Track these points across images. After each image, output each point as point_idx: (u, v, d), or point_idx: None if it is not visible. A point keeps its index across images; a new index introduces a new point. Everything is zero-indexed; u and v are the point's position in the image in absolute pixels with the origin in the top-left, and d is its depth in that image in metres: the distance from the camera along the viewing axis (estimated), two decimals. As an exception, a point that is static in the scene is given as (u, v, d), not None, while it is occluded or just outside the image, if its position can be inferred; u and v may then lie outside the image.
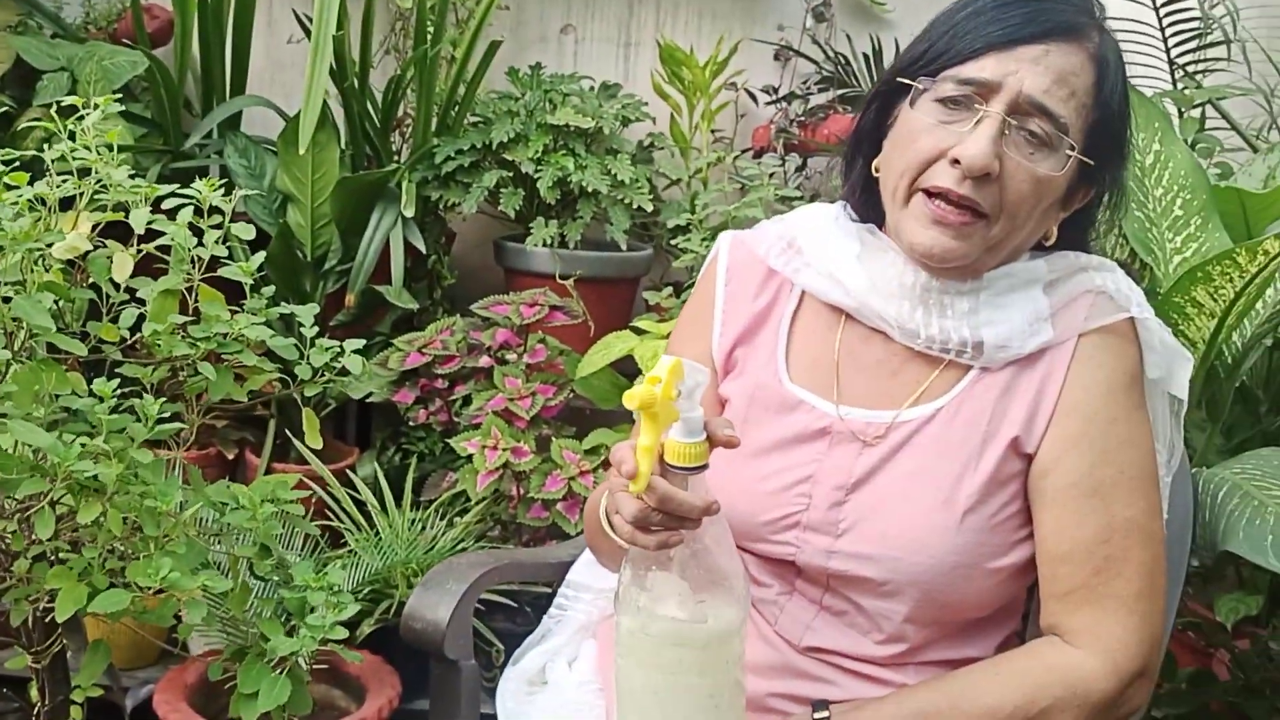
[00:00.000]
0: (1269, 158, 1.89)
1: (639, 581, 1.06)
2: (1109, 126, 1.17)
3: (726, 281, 1.35)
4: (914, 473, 1.20)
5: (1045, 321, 1.20)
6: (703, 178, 2.68)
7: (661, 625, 1.04)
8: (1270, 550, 1.32)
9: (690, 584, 1.05)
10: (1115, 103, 1.17)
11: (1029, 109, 1.12)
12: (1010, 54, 1.13)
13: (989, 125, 1.12)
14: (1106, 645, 1.15)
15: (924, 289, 1.21)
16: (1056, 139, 1.13)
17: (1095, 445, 1.18)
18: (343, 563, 2.05)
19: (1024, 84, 1.12)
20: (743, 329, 1.32)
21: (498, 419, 2.20)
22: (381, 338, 2.52)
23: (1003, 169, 1.13)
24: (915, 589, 1.18)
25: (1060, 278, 1.23)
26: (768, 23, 2.91)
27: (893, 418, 1.23)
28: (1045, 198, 1.16)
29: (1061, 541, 1.17)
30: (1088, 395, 1.19)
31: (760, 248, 1.34)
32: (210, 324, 1.35)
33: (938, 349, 1.21)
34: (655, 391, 0.99)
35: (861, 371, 1.26)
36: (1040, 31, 1.13)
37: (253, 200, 2.42)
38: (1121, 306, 1.21)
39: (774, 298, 1.33)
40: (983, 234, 1.15)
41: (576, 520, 2.14)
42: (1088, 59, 1.15)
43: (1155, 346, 1.22)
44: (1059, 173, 1.14)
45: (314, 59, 2.23)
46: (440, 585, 1.39)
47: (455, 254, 2.79)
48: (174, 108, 2.51)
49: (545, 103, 2.61)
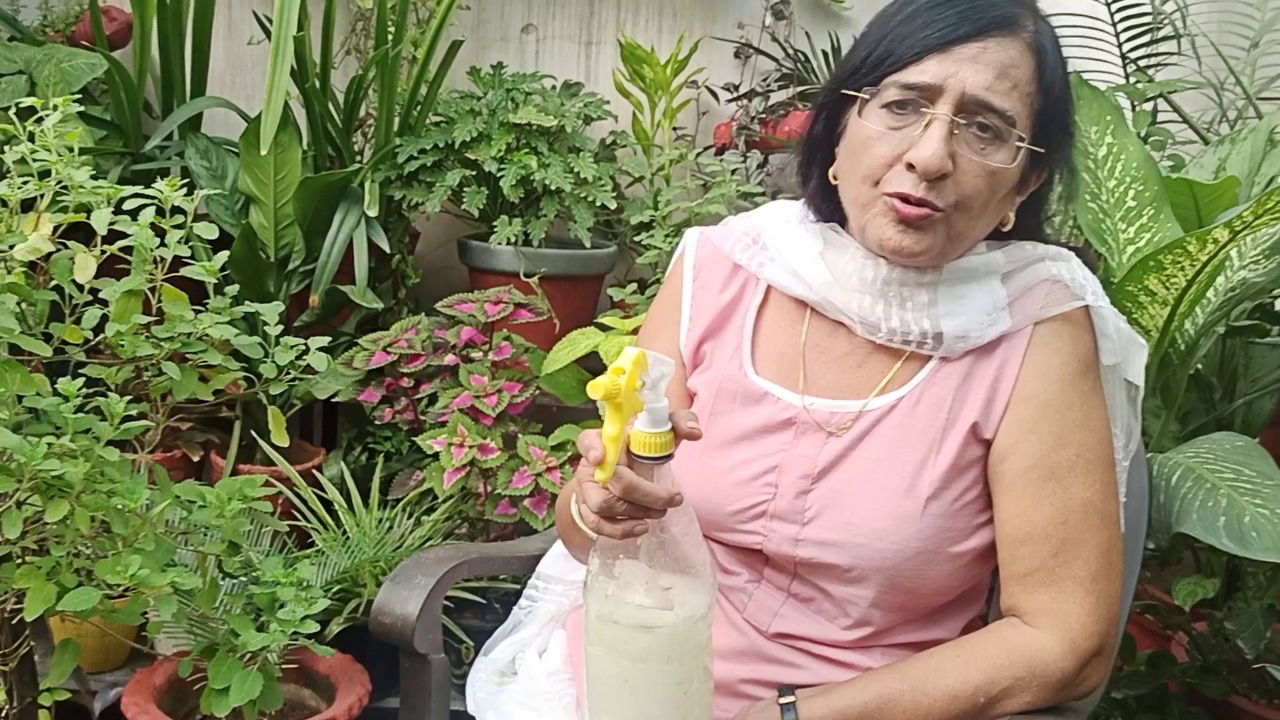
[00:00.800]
0: (1219, 150, 1.92)
1: (607, 570, 1.07)
2: (1054, 111, 1.20)
3: (694, 277, 1.37)
4: (877, 461, 1.23)
5: (1003, 311, 1.22)
6: (665, 175, 2.69)
7: (629, 612, 1.06)
8: (1222, 531, 1.35)
9: (657, 571, 1.07)
10: (1057, 87, 1.19)
11: (974, 107, 1.14)
12: (949, 54, 1.14)
13: (938, 127, 1.14)
14: (1065, 625, 1.17)
15: (884, 282, 1.23)
16: (1005, 131, 1.15)
17: (1052, 429, 1.20)
18: (310, 562, 2.04)
19: (966, 83, 1.14)
20: (710, 323, 1.35)
21: (464, 416, 2.20)
22: (346, 337, 2.52)
23: (956, 166, 1.14)
24: (880, 575, 1.20)
25: (1017, 268, 1.25)
26: (728, 21, 2.93)
27: (858, 408, 1.25)
28: (1000, 188, 1.18)
29: (1020, 524, 1.20)
30: (1044, 381, 1.21)
31: (726, 243, 1.36)
32: (174, 324, 1.35)
33: (899, 341, 1.24)
34: (619, 382, 1.00)
35: (827, 364, 1.29)
36: (975, 29, 1.15)
37: (215, 201, 2.42)
38: (1076, 295, 1.23)
39: (740, 292, 1.35)
40: (944, 227, 1.17)
41: (544, 516, 2.15)
42: (1025, 48, 1.17)
43: (1110, 334, 1.25)
44: (1011, 164, 1.17)
45: (275, 60, 2.23)
46: (409, 580, 1.40)
47: (419, 253, 2.79)
48: (134, 110, 2.49)
49: (507, 102, 2.61)
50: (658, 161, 2.70)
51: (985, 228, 1.22)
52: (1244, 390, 2.04)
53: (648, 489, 1.03)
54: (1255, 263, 1.74)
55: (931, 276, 1.22)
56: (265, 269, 2.44)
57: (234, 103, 2.64)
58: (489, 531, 2.27)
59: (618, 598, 1.06)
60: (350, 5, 2.74)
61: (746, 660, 1.27)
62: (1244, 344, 2.06)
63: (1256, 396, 2.02)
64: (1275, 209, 1.44)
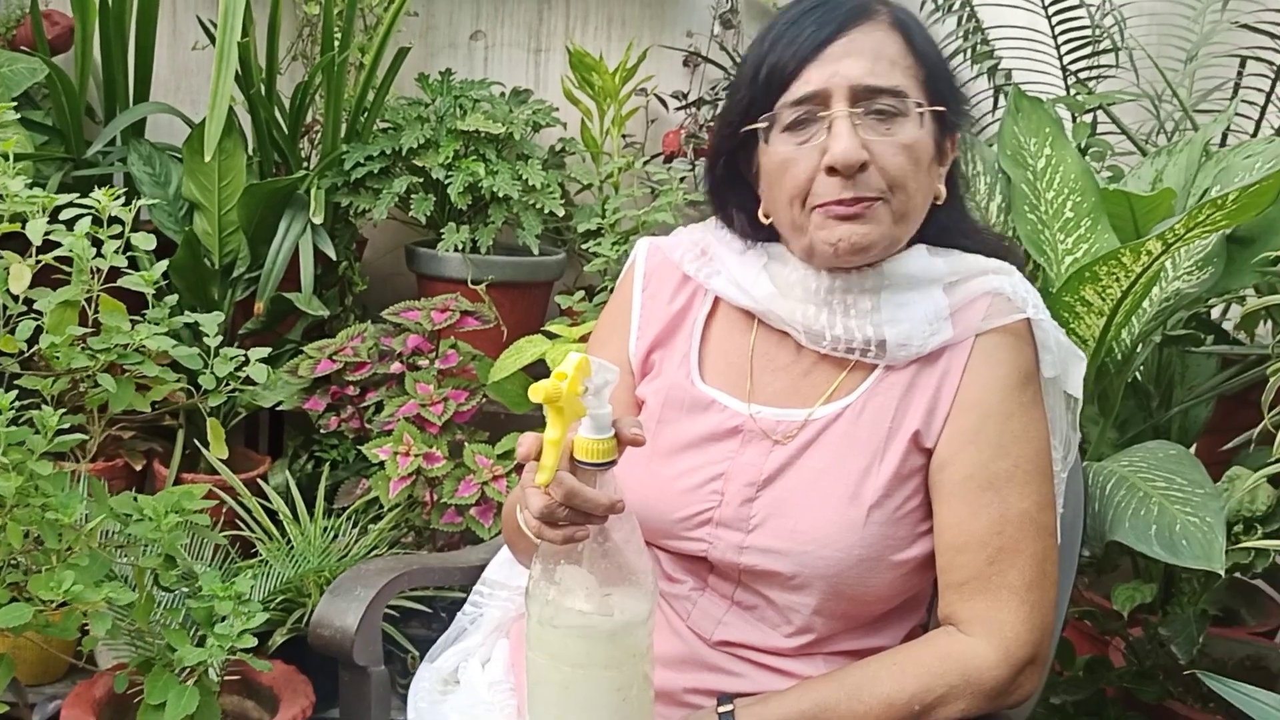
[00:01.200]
0: (1156, 161, 1.94)
1: (548, 575, 1.07)
2: (939, 73, 1.23)
3: (644, 286, 1.39)
4: (822, 469, 1.24)
5: (945, 320, 1.24)
6: (614, 182, 2.69)
7: (569, 618, 1.06)
8: (1154, 539, 1.37)
9: (598, 578, 1.07)
10: (933, 51, 1.24)
11: (864, 94, 1.18)
12: (821, 59, 1.18)
13: (841, 123, 1.17)
14: (999, 633, 1.19)
15: (828, 291, 1.25)
16: (902, 105, 1.19)
17: (991, 440, 1.22)
18: (254, 572, 2.03)
19: (849, 77, 1.17)
20: (659, 332, 1.36)
21: (410, 425, 2.20)
22: (292, 345, 2.51)
23: (872, 153, 1.17)
24: (823, 582, 1.21)
25: (960, 279, 1.26)
26: (676, 29, 2.94)
27: (804, 416, 1.26)
28: (922, 158, 1.21)
29: (958, 533, 1.21)
30: (984, 392, 1.23)
31: (676, 253, 1.38)
32: (110, 335, 1.34)
33: (843, 349, 1.25)
34: (561, 386, 1.01)
35: (774, 372, 1.30)
36: (835, 29, 1.19)
37: (158, 208, 2.40)
38: (1018, 308, 1.25)
39: (689, 301, 1.36)
40: (886, 211, 1.19)
41: (490, 525, 2.15)
42: (889, 28, 1.21)
43: (1050, 346, 1.27)
44: (920, 132, 1.20)
45: (219, 65, 2.22)
46: (348, 592, 1.39)
47: (366, 260, 2.78)
48: (75, 115, 2.47)
49: (455, 109, 2.61)
50: (606, 169, 2.70)
51: (923, 202, 1.24)
52: (1181, 398, 2.08)
53: (588, 495, 1.03)
54: (1189, 273, 1.76)
55: (874, 281, 1.24)
56: (209, 276, 2.42)
57: (178, 108, 2.62)
58: (435, 540, 2.26)
59: (558, 603, 1.07)
60: (297, 11, 2.72)
61: (688, 668, 1.27)
62: (1180, 353, 2.09)
63: (1193, 404, 2.06)
64: (1206, 222, 1.47)
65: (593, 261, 2.45)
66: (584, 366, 1.02)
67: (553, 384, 1.01)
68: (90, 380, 1.37)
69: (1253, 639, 2.13)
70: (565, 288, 2.64)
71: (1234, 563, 1.64)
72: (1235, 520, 1.66)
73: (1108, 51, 2.56)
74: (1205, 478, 1.48)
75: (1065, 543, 1.35)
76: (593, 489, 1.04)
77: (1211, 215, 1.45)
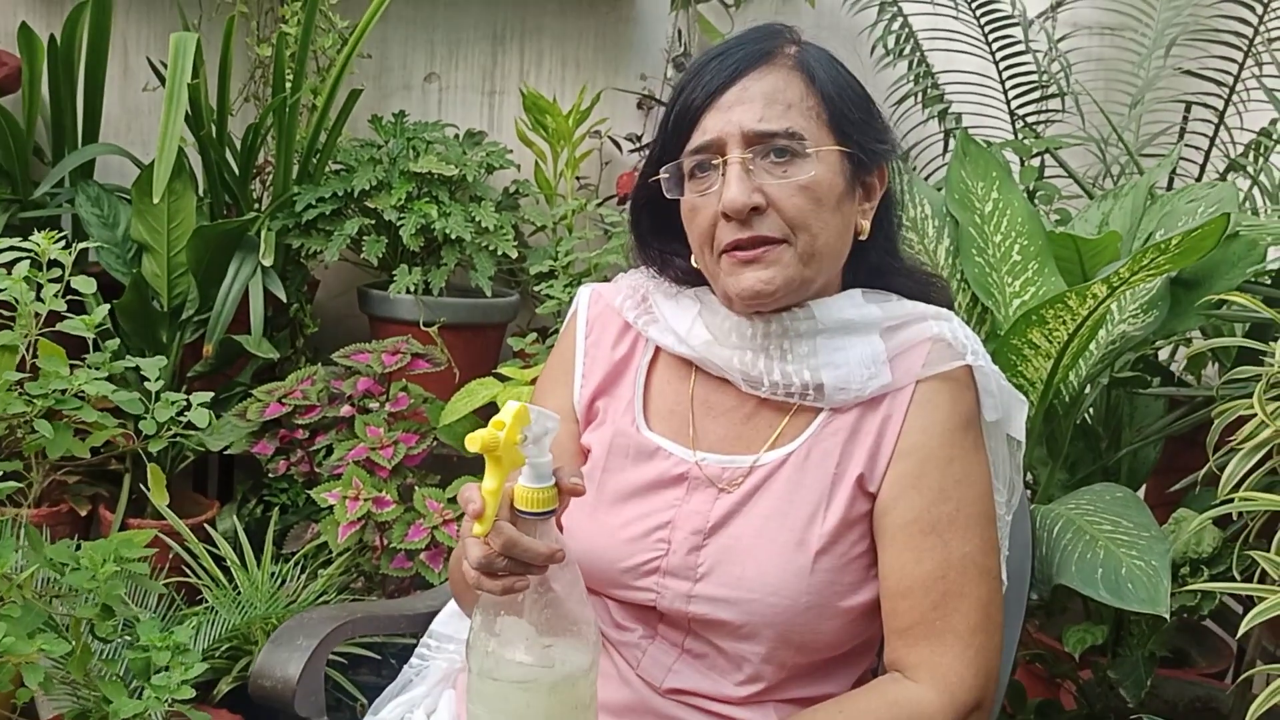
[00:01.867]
0: (1103, 204, 1.97)
1: (488, 627, 1.06)
2: (847, 109, 1.23)
3: (587, 334, 1.39)
4: (769, 516, 1.23)
5: (883, 365, 1.24)
6: (568, 224, 2.69)
7: (508, 670, 1.04)
8: (1100, 583, 1.37)
9: (538, 629, 1.05)
10: (840, 89, 1.24)
11: (757, 138, 1.19)
12: (717, 107, 1.21)
13: (733, 169, 1.19)
14: (944, 679, 1.18)
15: (764, 337, 1.25)
16: (799, 146, 1.19)
17: (933, 484, 1.22)
18: (199, 620, 2.00)
19: (741, 123, 1.19)
20: (602, 379, 1.36)
21: (359, 469, 2.17)
22: (242, 388, 2.48)
23: (770, 196, 1.19)
24: (771, 630, 1.20)
25: (899, 325, 1.27)
26: (630, 72, 2.95)
27: (750, 463, 1.26)
28: (824, 199, 1.21)
29: (902, 578, 1.21)
30: (925, 436, 1.23)
31: (617, 299, 1.38)
32: (48, 380, 1.32)
33: (782, 394, 1.25)
34: (498, 435, 1.00)
35: (716, 418, 1.30)
36: (730, 76, 1.21)
37: (106, 250, 2.37)
38: (959, 353, 1.25)
39: (631, 348, 1.36)
40: (790, 254, 1.20)
41: (440, 570, 2.13)
42: (788, 71, 1.22)
43: (992, 390, 1.27)
44: (822, 171, 1.20)
45: (169, 106, 2.21)
46: (290, 642, 1.37)
47: (318, 302, 2.76)
48: (22, 156, 2.44)
49: (409, 150, 2.61)
50: (560, 211, 2.70)
51: (834, 240, 1.24)
52: (1129, 439, 2.09)
53: (527, 545, 1.02)
54: (1135, 316, 1.78)
55: (807, 325, 1.25)
56: (158, 319, 2.40)
57: (128, 149, 2.60)
58: (385, 585, 2.23)
59: (498, 655, 1.05)
60: (249, 52, 2.71)
61: (638, 716, 1.25)
62: (1128, 394, 2.11)
63: (1141, 445, 2.07)
64: (1151, 265, 1.48)
65: (546, 303, 2.45)
66: (522, 415, 1.01)
67: (489, 433, 1.00)
68: (28, 426, 1.35)
69: (1203, 680, 2.14)
70: (518, 329, 2.63)
71: (1181, 605, 1.65)
72: (1182, 563, 1.67)
73: (1054, 96, 2.60)
74: (1151, 521, 1.48)
75: (1013, 586, 1.35)
76: (532, 539, 1.03)
77: (1156, 259, 1.47)
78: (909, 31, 2.66)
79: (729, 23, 2.93)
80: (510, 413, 1.01)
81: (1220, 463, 1.51)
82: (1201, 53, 2.59)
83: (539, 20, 2.94)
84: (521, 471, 1.03)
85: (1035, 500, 1.84)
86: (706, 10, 2.91)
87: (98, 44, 2.45)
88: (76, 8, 2.43)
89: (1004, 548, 1.30)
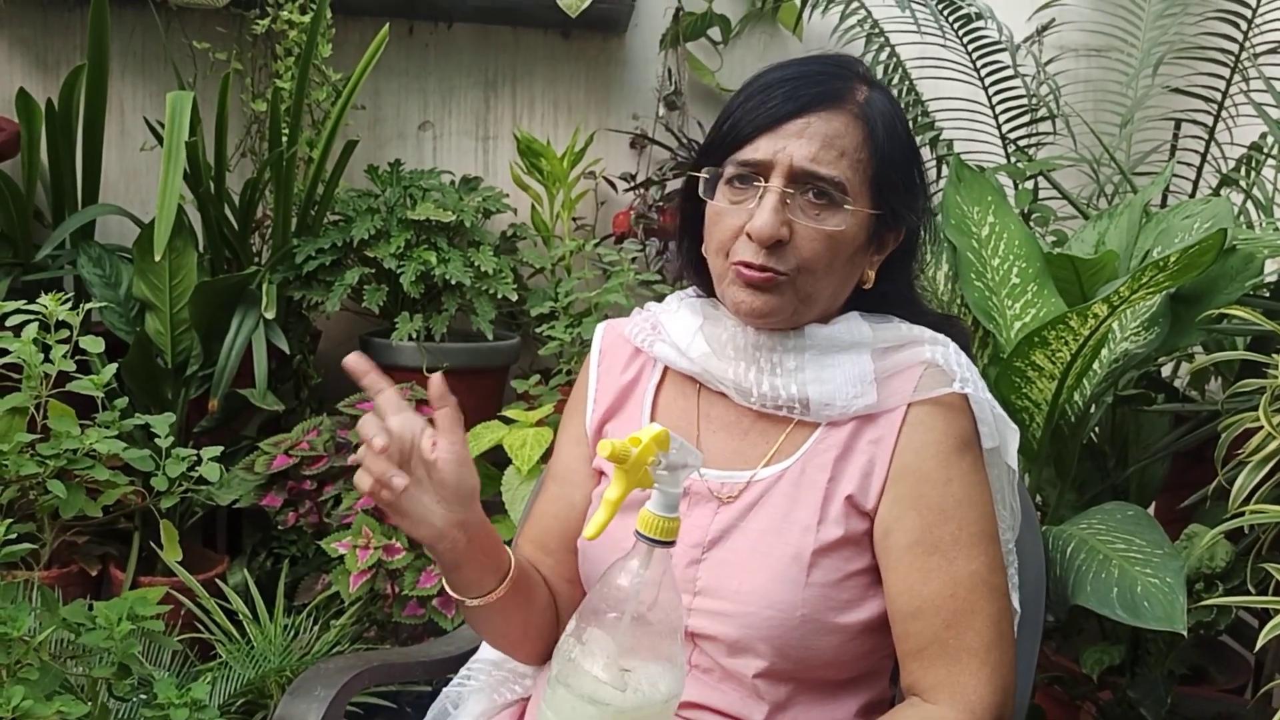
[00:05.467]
0: (1098, 224, 1.98)
1: (579, 633, 1.07)
2: (892, 171, 1.26)
3: (599, 363, 1.44)
4: (765, 530, 1.24)
5: (870, 385, 1.26)
6: (566, 265, 2.71)
7: (582, 681, 1.04)
8: (1116, 602, 1.37)
9: (621, 648, 1.05)
10: (894, 148, 1.26)
11: (803, 177, 1.22)
12: (777, 132, 1.23)
13: (770, 198, 1.21)
14: (964, 697, 1.18)
15: (755, 348, 1.28)
16: (838, 197, 1.22)
17: (932, 505, 1.22)
18: (213, 675, 2.00)
19: (793, 156, 1.21)
20: (611, 403, 1.40)
21: (368, 517, 2.18)
22: (248, 441, 2.49)
23: (794, 233, 1.22)
24: (767, 644, 1.21)
25: (892, 347, 1.29)
26: (622, 112, 2.98)
27: (748, 477, 1.28)
28: (842, 250, 1.24)
29: (910, 599, 1.21)
30: (918, 458, 1.24)
31: (628, 328, 1.43)
32: (60, 440, 1.32)
33: (770, 406, 1.28)
34: (630, 450, 1.03)
35: (717, 433, 1.33)
36: (799, 106, 1.23)
37: (109, 309, 2.38)
38: (951, 380, 1.26)
39: (639, 372, 1.40)
40: (791, 290, 1.24)
41: (453, 615, 2.12)
42: (852, 119, 1.24)
43: (988, 418, 1.28)
44: (850, 224, 1.23)
45: (167, 165, 2.22)
46: (308, 692, 1.36)
47: (321, 352, 2.77)
48: (23, 220, 2.46)
49: (406, 198, 2.62)
50: (558, 252, 2.71)
51: (836, 287, 1.27)
52: (1136, 457, 2.09)
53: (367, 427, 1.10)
54: (1136, 334, 1.79)
55: (796, 341, 1.27)
56: (162, 376, 2.40)
57: (127, 209, 2.61)
58: (399, 633, 2.23)
59: (577, 663, 1.05)
60: (244, 109, 2.73)
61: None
62: (1133, 412, 2.11)
63: (1149, 462, 2.07)
64: (1150, 283, 1.50)
65: (548, 345, 2.46)
66: (661, 439, 1.05)
67: (624, 444, 1.04)
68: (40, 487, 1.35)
69: (1223, 696, 2.13)
70: (521, 372, 2.64)
71: (1197, 621, 1.65)
72: (1196, 578, 1.67)
73: (1045, 119, 2.61)
74: (1164, 537, 1.49)
75: (1029, 608, 1.35)
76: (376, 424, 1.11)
77: (1155, 276, 1.48)
78: (896, 61, 2.68)
79: (718, 60, 2.96)
80: (649, 432, 1.05)
81: (1229, 476, 1.52)
82: (1189, 70, 2.61)
83: (530, 65, 2.97)
84: (651, 496, 1.06)
85: (1045, 521, 1.84)
86: (695, 49, 2.94)
87: (95, 106, 2.46)
88: (73, 71, 2.45)
89: (1012, 574, 1.30)
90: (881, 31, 2.67)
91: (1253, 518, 1.41)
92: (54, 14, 2.80)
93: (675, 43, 2.89)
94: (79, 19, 2.79)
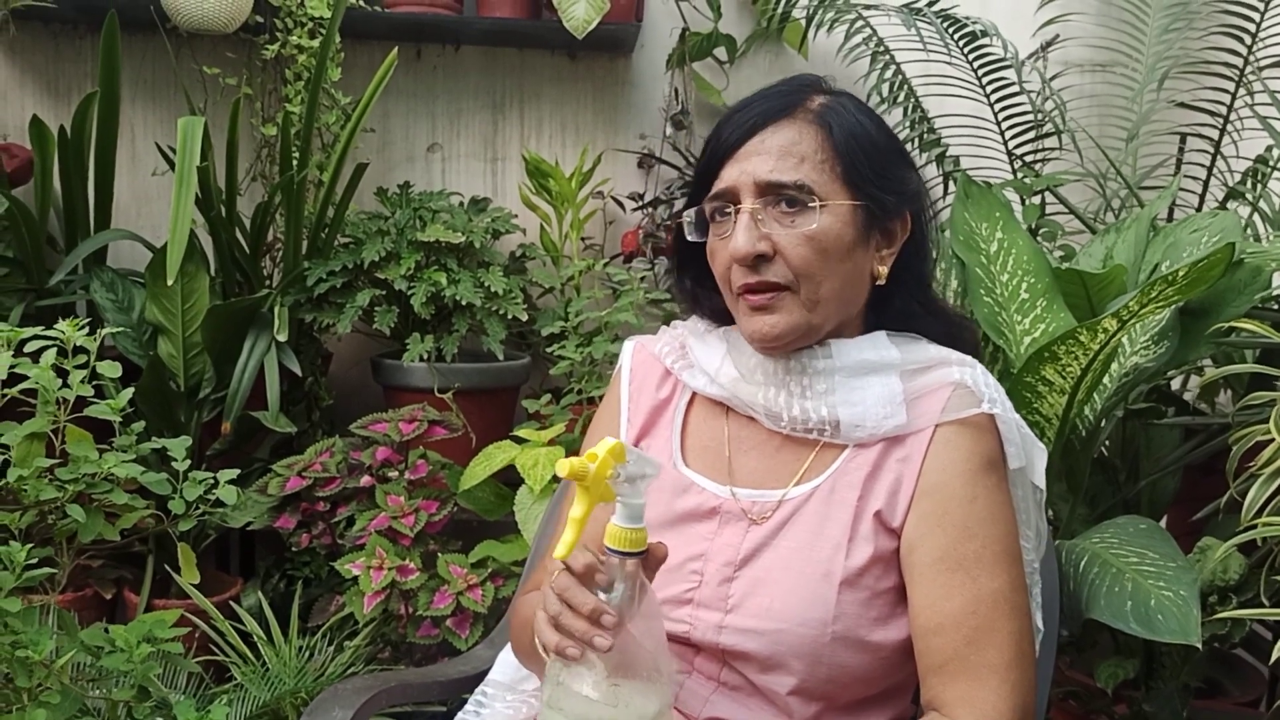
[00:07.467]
0: (1106, 239, 1.98)
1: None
2: (862, 164, 1.27)
3: (630, 381, 1.46)
4: (796, 549, 1.25)
5: (899, 405, 1.27)
6: (575, 284, 2.72)
7: (574, 703, 1.05)
8: (1130, 615, 1.37)
9: (608, 667, 1.06)
10: (860, 142, 1.28)
11: (768, 189, 1.25)
12: (736, 158, 1.28)
13: (743, 218, 1.25)
14: (984, 713, 1.18)
15: (785, 372, 1.30)
16: (807, 199, 1.24)
17: (956, 522, 1.23)
18: (229, 698, 2.00)
19: (754, 174, 1.25)
20: (644, 421, 1.42)
21: (382, 538, 2.18)
22: (261, 463, 2.49)
23: (777, 244, 1.24)
24: (799, 661, 1.21)
25: (921, 368, 1.29)
26: (629, 132, 3.00)
27: (779, 497, 1.29)
28: (830, 249, 1.25)
29: (932, 614, 1.21)
30: (944, 476, 1.24)
31: (658, 347, 1.45)
32: (78, 465, 1.33)
33: (800, 429, 1.29)
34: (588, 466, 1.04)
35: (747, 453, 1.34)
36: (749, 129, 1.27)
37: (121, 335, 2.39)
38: (979, 401, 1.27)
39: (671, 392, 1.43)
40: (793, 300, 1.26)
41: (467, 635, 2.13)
42: (806, 125, 1.27)
43: (1014, 439, 1.29)
44: (829, 223, 1.25)
45: (179, 191, 2.23)
46: (325, 713, 1.37)
47: (333, 374, 2.78)
48: (36, 246, 2.47)
49: (415, 220, 2.64)
50: (567, 272, 2.72)
51: (841, 286, 1.28)
52: (1148, 470, 2.09)
53: (576, 593, 1.06)
54: (1146, 348, 1.79)
55: (825, 364, 1.28)
56: (175, 399, 2.41)
57: (139, 234, 2.63)
58: (413, 654, 2.23)
59: (566, 686, 1.06)
60: (254, 133, 2.75)
61: (677, 748, 1.26)
62: (1144, 426, 2.11)
63: (1160, 476, 2.07)
64: (1159, 297, 1.50)
65: (558, 364, 2.47)
66: (616, 451, 1.05)
67: (581, 462, 1.04)
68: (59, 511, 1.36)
69: (1238, 709, 2.12)
70: (531, 392, 2.65)
71: (1212, 634, 1.64)
72: (1210, 591, 1.67)
73: (1051, 134, 2.62)
74: (1177, 551, 1.49)
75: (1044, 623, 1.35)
76: (585, 592, 1.06)
77: (1164, 291, 1.48)
78: (902, 79, 2.69)
79: (724, 79, 2.97)
80: (605, 446, 1.05)
81: (1241, 489, 1.52)
82: (1194, 84, 2.62)
83: (537, 87, 2.99)
84: (616, 509, 1.07)
85: (1058, 536, 1.84)
86: (701, 68, 2.96)
87: (106, 133, 2.48)
88: (85, 99, 2.47)
89: (1035, 594, 1.31)
90: (887, 49, 2.69)
91: (1265, 530, 1.41)
92: (65, 41, 2.83)
93: (681, 63, 2.91)
94: (90, 46, 2.82)
